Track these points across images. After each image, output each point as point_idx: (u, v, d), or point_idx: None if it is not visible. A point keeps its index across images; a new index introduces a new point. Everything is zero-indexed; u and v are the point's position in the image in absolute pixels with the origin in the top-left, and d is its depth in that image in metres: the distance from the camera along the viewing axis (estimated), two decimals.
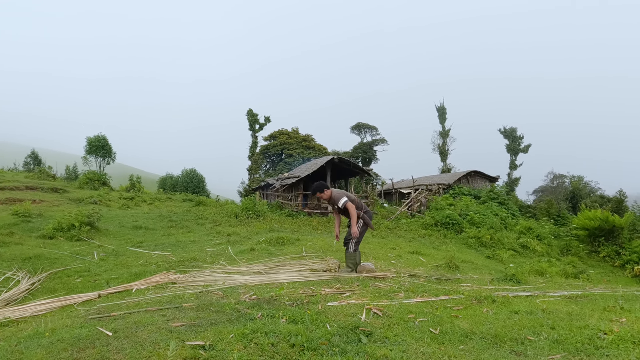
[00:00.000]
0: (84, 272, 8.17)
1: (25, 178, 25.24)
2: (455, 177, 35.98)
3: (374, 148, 55.59)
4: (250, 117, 45.84)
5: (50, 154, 69.58)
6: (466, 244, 16.26)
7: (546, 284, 7.55)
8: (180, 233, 14.10)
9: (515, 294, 5.64)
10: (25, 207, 14.27)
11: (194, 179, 38.36)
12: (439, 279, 7.06)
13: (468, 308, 4.75)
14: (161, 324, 3.86)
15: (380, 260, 9.42)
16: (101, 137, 33.08)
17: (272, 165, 49.73)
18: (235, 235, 13.63)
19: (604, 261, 17.36)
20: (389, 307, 4.62)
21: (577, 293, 5.83)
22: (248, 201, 20.46)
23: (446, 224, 19.24)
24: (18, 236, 11.32)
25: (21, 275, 7.56)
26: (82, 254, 9.91)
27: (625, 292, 6.10)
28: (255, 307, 4.47)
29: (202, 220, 17.21)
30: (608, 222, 18.38)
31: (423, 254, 11.68)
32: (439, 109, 50.23)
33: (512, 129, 50.40)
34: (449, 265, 9.21)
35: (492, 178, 37.71)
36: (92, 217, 13.07)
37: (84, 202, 18.99)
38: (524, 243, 17.23)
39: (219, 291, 5.48)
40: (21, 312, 5.15)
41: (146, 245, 11.56)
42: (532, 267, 10.24)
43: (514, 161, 49.63)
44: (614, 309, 4.70)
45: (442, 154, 49.32)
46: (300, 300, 4.89)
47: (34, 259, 9.01)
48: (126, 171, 49.49)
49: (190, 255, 9.78)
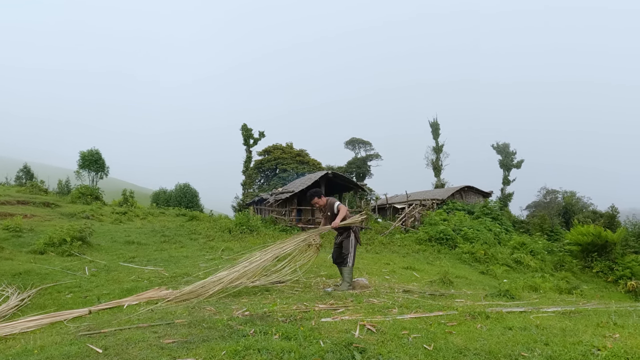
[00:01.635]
0: (75, 288, 8.07)
1: (16, 192, 25.00)
2: (448, 192, 36.12)
3: (367, 163, 55.81)
4: (244, 131, 45.91)
5: (43, 167, 69.15)
6: (460, 259, 16.26)
7: (540, 299, 7.54)
8: (173, 248, 13.99)
9: (509, 309, 5.63)
10: (16, 221, 14.12)
11: (187, 193, 38.19)
12: (432, 295, 7.04)
13: (462, 324, 4.74)
14: (152, 341, 3.82)
15: (374, 275, 9.39)
16: (94, 151, 32.88)
17: (266, 180, 49.70)
18: (229, 250, 13.55)
19: (597, 276, 17.40)
20: (383, 323, 4.60)
21: (571, 308, 5.83)
22: (242, 216, 20.38)
23: (440, 239, 19.24)
24: (8, 251, 11.17)
25: (10, 291, 7.45)
26: (73, 269, 9.79)
27: (618, 308, 6.11)
28: (247, 323, 4.43)
29: (195, 234, 17.09)
30: (600, 237, 18.47)
31: (417, 269, 11.66)
32: (432, 124, 50.57)
33: (505, 144, 50.84)
34: (443, 280, 9.20)
35: (485, 193, 37.90)
36: (84, 231, 12.94)
37: (75, 217, 18.81)
38: (517, 258, 17.26)
39: (211, 307, 5.43)
40: (10, 328, 5.06)
41: (138, 260, 11.44)
42: (526, 283, 10.25)
43: (506, 176, 49.92)
44: (607, 325, 4.70)
45: (436, 169, 49.53)
46: (293, 316, 4.85)
47: (23, 274, 8.89)
48: (119, 185, 49.25)
49: (183, 270, 9.70)
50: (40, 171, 39.95)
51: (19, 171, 38.21)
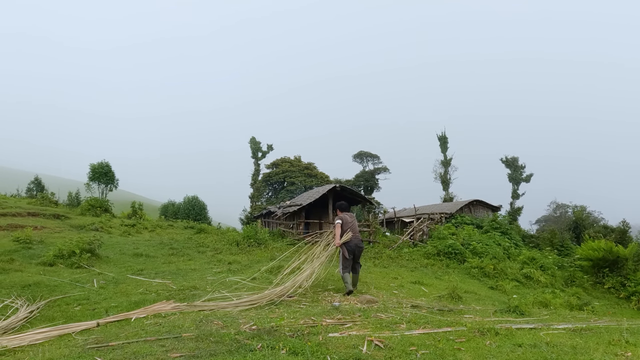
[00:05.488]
0: (83, 300, 8.11)
1: (27, 204, 25.26)
2: (457, 206, 35.89)
3: (375, 176, 55.78)
4: (253, 144, 46.20)
5: (54, 179, 70.02)
6: (469, 274, 16.10)
7: (550, 315, 7.45)
8: (181, 261, 14.02)
9: (519, 325, 5.56)
10: (26, 233, 14.25)
11: (196, 205, 38.43)
12: (441, 310, 6.98)
13: (471, 340, 4.69)
14: (159, 355, 3.82)
15: (382, 289, 9.34)
16: (104, 164, 33.30)
17: (274, 193, 49.80)
18: (236, 263, 13.54)
19: (608, 292, 17.12)
20: (391, 339, 4.57)
21: (582, 325, 5.76)
22: (249, 229, 20.38)
23: (448, 253, 19.08)
24: (18, 263, 11.27)
25: (20, 303, 7.50)
26: (82, 281, 9.85)
27: (630, 325, 6.02)
28: (255, 338, 4.43)
29: (202, 247, 17.12)
30: (612, 252, 18.21)
31: (425, 284, 11.57)
32: (440, 137, 50.54)
33: (514, 158, 50.64)
34: (452, 295, 9.11)
35: (494, 207, 37.64)
36: (93, 243, 13.03)
37: (85, 229, 18.95)
38: (527, 273, 17.04)
39: (218, 320, 5.43)
40: (18, 340, 5.10)
41: (146, 272, 11.48)
42: (536, 298, 10.12)
43: (515, 190, 49.60)
44: (619, 343, 4.63)
45: (444, 183, 49.36)
46: (300, 330, 4.84)
47: (33, 286, 8.95)
48: (128, 198, 49.61)
49: (191, 283, 9.71)
50: (51, 183, 40.45)
51: (30, 183, 38.74)
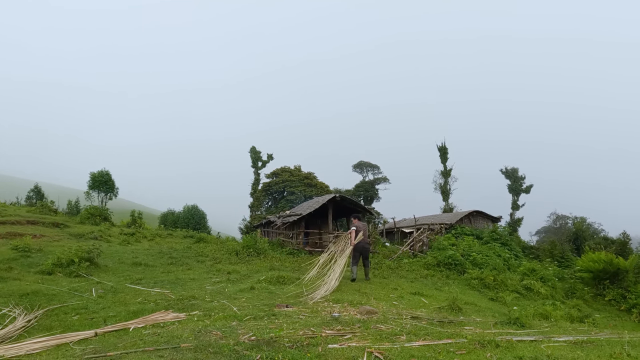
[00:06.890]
0: (81, 309, 8.06)
1: (26, 212, 25.24)
2: (457, 217, 35.87)
3: (375, 186, 55.80)
4: (253, 154, 46.27)
5: (53, 188, 69.98)
6: (469, 285, 16.03)
7: (551, 327, 7.41)
8: (180, 270, 13.97)
9: (519, 338, 5.53)
10: (25, 241, 14.22)
11: (195, 215, 38.39)
12: (441, 322, 6.94)
13: (471, 352, 4.66)
14: None
15: (382, 300, 9.30)
16: (104, 172, 33.38)
17: (273, 202, 49.72)
18: (235, 273, 13.50)
19: (609, 304, 17.03)
20: (391, 350, 4.54)
21: (583, 338, 5.72)
22: (249, 238, 20.35)
23: (448, 264, 19.01)
24: (16, 271, 11.23)
25: (17, 312, 7.46)
26: (80, 290, 9.80)
27: (631, 338, 5.98)
28: (254, 349, 4.40)
29: (202, 257, 17.07)
30: (612, 264, 18.15)
31: (425, 295, 11.52)
32: (440, 148, 50.64)
33: (514, 169, 50.79)
34: (452, 307, 9.07)
35: (494, 218, 37.61)
36: (92, 252, 12.99)
37: (84, 237, 18.92)
38: (527, 285, 16.96)
39: (217, 331, 5.40)
40: (16, 350, 5.06)
41: (145, 282, 11.43)
42: (536, 310, 10.08)
43: (515, 201, 49.64)
44: (620, 356, 4.60)
45: (444, 193, 49.35)
46: (299, 341, 4.81)
47: (31, 294, 8.91)
48: (128, 206, 49.55)
49: (189, 293, 9.67)
50: (50, 191, 40.44)
51: (30, 191, 38.75)
